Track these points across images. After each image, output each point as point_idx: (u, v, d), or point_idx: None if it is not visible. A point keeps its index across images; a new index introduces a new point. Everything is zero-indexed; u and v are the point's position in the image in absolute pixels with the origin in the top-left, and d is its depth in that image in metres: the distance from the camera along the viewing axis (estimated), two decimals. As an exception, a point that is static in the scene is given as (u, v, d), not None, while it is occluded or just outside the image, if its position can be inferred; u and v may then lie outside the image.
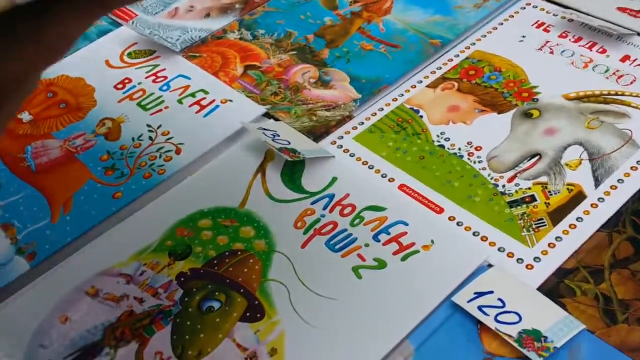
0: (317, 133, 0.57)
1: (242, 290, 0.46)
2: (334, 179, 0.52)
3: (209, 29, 0.68)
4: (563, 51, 0.61)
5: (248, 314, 0.45)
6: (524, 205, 0.50)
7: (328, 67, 0.62)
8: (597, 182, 0.50)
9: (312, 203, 0.51)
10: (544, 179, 0.51)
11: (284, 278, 0.46)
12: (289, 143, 0.54)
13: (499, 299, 0.43)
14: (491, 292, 0.43)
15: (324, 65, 0.63)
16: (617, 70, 0.58)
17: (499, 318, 0.42)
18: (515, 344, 0.41)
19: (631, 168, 0.51)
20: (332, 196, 0.51)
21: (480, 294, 0.43)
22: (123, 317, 0.45)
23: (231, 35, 0.67)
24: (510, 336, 0.41)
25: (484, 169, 0.53)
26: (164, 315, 0.45)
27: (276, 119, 0.58)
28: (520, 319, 0.42)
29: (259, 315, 0.44)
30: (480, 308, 0.43)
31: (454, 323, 0.43)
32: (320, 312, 0.44)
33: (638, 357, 0.40)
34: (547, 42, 0.62)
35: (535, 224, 0.48)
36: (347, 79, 0.61)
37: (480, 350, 0.41)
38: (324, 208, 0.51)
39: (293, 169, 0.53)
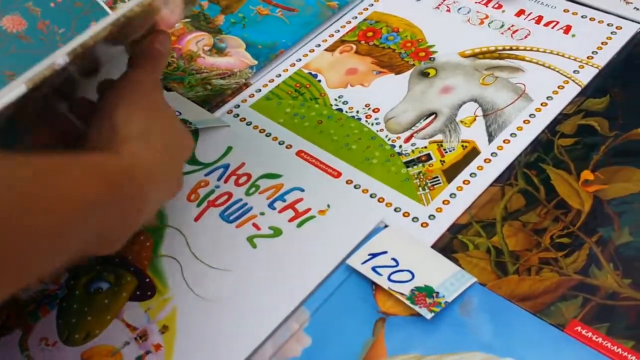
0: (212, 102, 0.55)
1: (132, 269, 0.44)
2: (229, 149, 0.51)
3: (98, -1, 0.65)
4: (460, 9, 0.61)
5: (138, 293, 0.43)
6: (420, 165, 0.49)
7: (223, 34, 0.60)
8: (491, 138, 0.50)
9: (206, 174, 0.49)
10: (439, 137, 0.51)
11: (176, 253, 0.45)
12: (180, 114, 0.52)
13: (393, 259, 0.43)
14: (385, 252, 0.43)
15: (219, 32, 0.61)
16: (512, 25, 0.59)
17: (392, 277, 0.42)
18: (408, 302, 0.40)
19: (524, 122, 0.51)
20: (227, 166, 0.50)
21: (374, 255, 0.43)
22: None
23: (121, 5, 0.64)
24: (402, 294, 0.41)
25: (381, 130, 0.52)
26: (50, 299, 0.43)
27: (169, 90, 0.56)
28: (413, 276, 0.42)
29: (149, 293, 0.43)
30: (374, 269, 0.42)
31: (349, 286, 0.43)
32: (214, 285, 0.43)
33: (527, 305, 0.40)
34: (444, 0, 0.62)
35: (431, 182, 0.48)
36: (242, 46, 0.59)
37: (375, 310, 0.41)
38: (219, 179, 0.49)
39: (187, 141, 0.52)
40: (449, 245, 0.44)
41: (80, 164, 0.34)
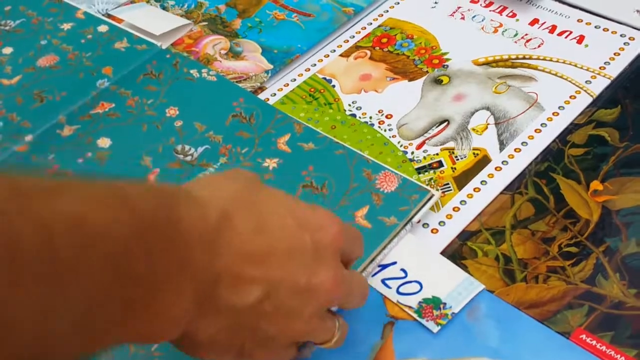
0: (228, 106, 0.56)
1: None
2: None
3: (117, 1, 0.66)
4: (474, 16, 0.62)
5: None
6: (432, 171, 0.50)
7: (240, 38, 0.61)
8: (502, 146, 0.51)
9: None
10: (451, 144, 0.52)
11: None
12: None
13: (402, 269, 0.44)
14: (394, 263, 0.44)
15: (236, 36, 0.62)
16: (526, 34, 0.59)
17: (401, 289, 0.43)
18: (415, 315, 0.41)
19: (535, 131, 0.52)
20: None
21: (384, 267, 0.44)
22: None
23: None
24: (410, 307, 0.42)
25: (394, 136, 0.53)
26: None
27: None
28: (421, 288, 0.43)
29: None
30: (383, 281, 0.43)
31: (359, 290, 0.43)
32: None
33: (533, 313, 0.41)
34: (459, 7, 0.63)
35: (442, 189, 0.49)
36: (259, 50, 0.60)
37: (384, 314, 0.42)
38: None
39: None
40: (458, 252, 0.45)
41: None
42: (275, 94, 0.57)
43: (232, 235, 0.32)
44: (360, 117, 0.55)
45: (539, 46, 0.58)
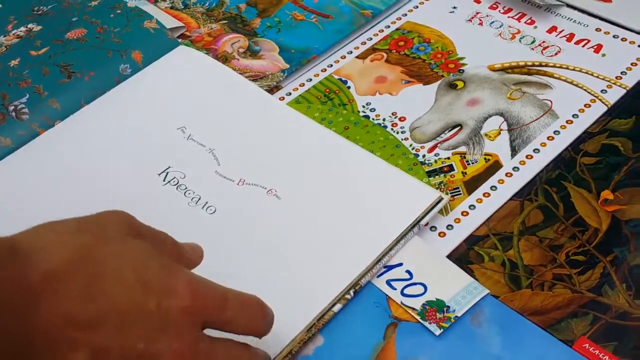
0: (243, 103, 0.57)
1: None
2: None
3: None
4: (492, 22, 0.62)
5: None
6: (442, 175, 0.50)
7: (258, 37, 0.62)
8: (514, 152, 0.51)
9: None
10: (463, 149, 0.52)
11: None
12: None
13: (407, 271, 0.44)
14: (400, 264, 0.44)
15: (255, 35, 0.62)
16: (543, 42, 0.59)
17: (406, 291, 0.43)
18: (418, 317, 0.42)
19: (548, 138, 0.51)
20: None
21: (389, 268, 0.44)
22: None
23: (162, 5, 0.66)
24: (414, 309, 0.42)
25: (406, 139, 0.53)
26: None
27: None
28: (426, 290, 0.43)
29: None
30: (388, 282, 0.44)
31: (364, 290, 0.44)
32: None
33: (537, 320, 0.41)
34: (478, 13, 0.63)
35: (451, 193, 0.49)
36: (276, 49, 0.61)
37: (387, 314, 0.42)
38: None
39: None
40: (465, 256, 0.45)
41: None
42: (290, 94, 0.58)
43: (55, 299, 0.30)
44: (373, 119, 0.55)
45: (556, 54, 0.58)
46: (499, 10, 0.63)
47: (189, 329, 0.32)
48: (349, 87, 0.58)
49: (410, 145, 0.53)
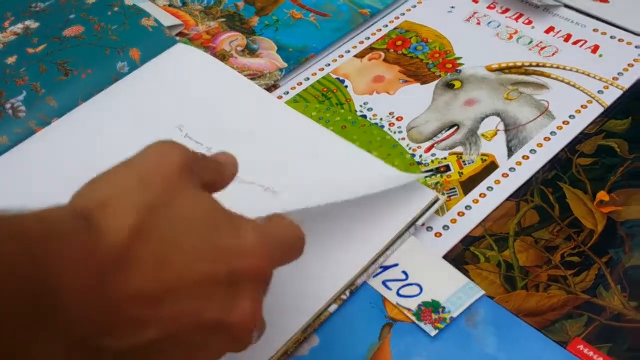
0: (241, 102, 0.57)
1: None
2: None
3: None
4: (490, 22, 0.62)
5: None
6: (438, 175, 0.50)
7: (256, 35, 0.62)
8: (510, 153, 0.51)
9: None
10: (459, 149, 0.52)
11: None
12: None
13: (403, 272, 0.44)
14: (396, 264, 0.44)
15: (253, 33, 0.62)
16: (541, 42, 0.59)
17: (401, 292, 0.43)
18: (414, 318, 0.42)
19: (544, 139, 0.52)
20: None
21: (385, 268, 0.44)
22: None
23: (160, 2, 0.66)
24: (409, 310, 0.42)
25: (403, 139, 0.53)
26: None
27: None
28: (421, 290, 0.43)
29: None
30: (384, 283, 0.44)
31: (360, 290, 0.44)
32: None
33: (532, 321, 0.41)
34: (475, 12, 0.63)
35: (447, 193, 0.49)
36: (274, 48, 0.61)
37: (383, 315, 0.42)
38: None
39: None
40: (461, 257, 0.45)
41: None
42: (288, 92, 0.58)
43: (127, 278, 0.29)
44: (370, 118, 0.55)
45: (553, 54, 0.58)
46: (497, 10, 0.63)
47: (259, 291, 0.32)
48: (346, 86, 0.58)
49: (407, 145, 0.53)
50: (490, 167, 0.50)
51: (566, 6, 0.62)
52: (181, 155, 0.33)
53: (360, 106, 0.56)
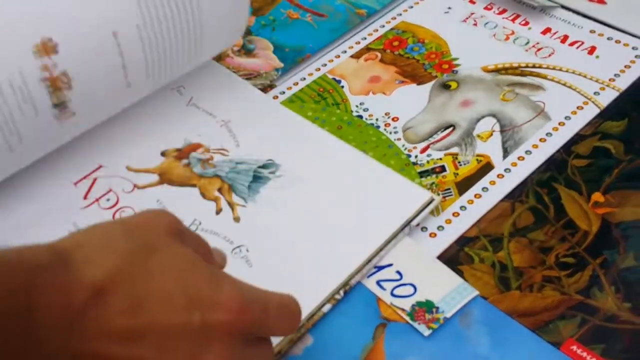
0: (237, 102, 0.57)
1: None
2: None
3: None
4: (487, 23, 0.62)
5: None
6: (434, 176, 0.50)
7: (253, 35, 0.62)
8: (506, 154, 0.51)
9: (226, 172, 0.51)
10: (455, 150, 0.52)
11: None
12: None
13: (397, 272, 0.44)
14: (390, 264, 0.44)
15: (249, 33, 0.62)
16: (537, 43, 0.59)
17: (395, 292, 0.43)
18: (407, 318, 0.42)
19: (540, 140, 0.52)
20: (246, 165, 0.52)
21: (379, 268, 0.44)
22: None
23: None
24: (403, 310, 0.42)
25: (399, 139, 0.53)
26: None
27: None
28: (415, 291, 0.43)
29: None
30: (378, 283, 0.44)
31: (354, 290, 0.44)
32: None
33: (526, 322, 0.41)
34: (472, 13, 0.63)
35: (443, 194, 0.49)
36: (270, 48, 0.61)
37: (377, 315, 0.42)
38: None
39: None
40: (455, 257, 0.45)
41: None
42: (284, 92, 0.58)
43: (101, 314, 0.29)
44: (366, 119, 0.55)
45: (549, 55, 0.58)
46: (494, 11, 0.63)
47: (233, 344, 0.32)
48: (342, 87, 0.58)
49: (403, 146, 0.53)
50: (486, 167, 0.50)
51: (563, 7, 0.62)
52: (171, 218, 0.34)
53: (356, 106, 0.56)
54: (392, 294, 0.43)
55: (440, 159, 0.51)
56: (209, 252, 0.37)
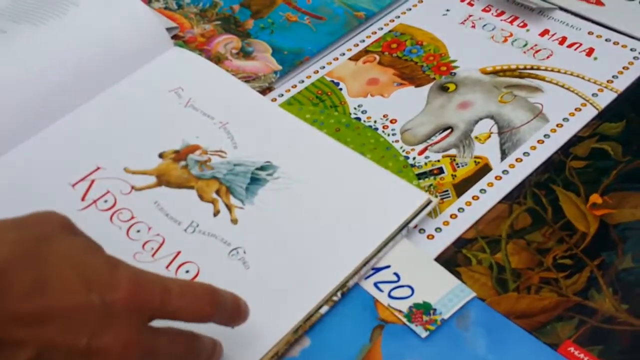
0: (235, 104, 0.57)
1: None
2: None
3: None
4: (485, 25, 0.62)
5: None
6: (432, 177, 0.50)
7: (251, 38, 0.62)
8: (504, 155, 0.51)
9: (224, 174, 0.52)
10: (453, 151, 0.52)
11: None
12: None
13: (395, 274, 0.44)
14: (388, 266, 0.44)
15: (248, 36, 0.62)
16: (535, 45, 0.59)
17: (393, 294, 0.43)
18: (405, 319, 0.42)
19: (538, 142, 0.52)
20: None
21: (377, 270, 0.44)
22: None
23: (156, 5, 0.66)
24: (400, 312, 0.42)
25: (397, 141, 0.53)
26: None
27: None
28: (413, 292, 0.43)
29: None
30: (376, 285, 0.44)
31: (351, 292, 0.44)
32: None
33: (523, 323, 0.41)
34: (470, 15, 0.63)
35: (440, 196, 0.49)
36: (269, 50, 0.61)
37: (374, 317, 0.42)
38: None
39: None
40: (453, 259, 0.45)
41: None
42: (282, 95, 0.58)
43: (2, 296, 0.30)
44: (364, 121, 0.55)
45: (547, 57, 0.58)
46: (492, 13, 0.63)
47: (134, 323, 0.33)
48: (340, 89, 0.58)
49: (401, 148, 0.53)
50: (484, 169, 0.50)
51: (561, 9, 0.62)
52: (63, 216, 0.35)
53: (355, 109, 0.56)
54: (390, 296, 0.43)
55: (438, 160, 0.51)
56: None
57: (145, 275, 0.35)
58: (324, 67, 0.60)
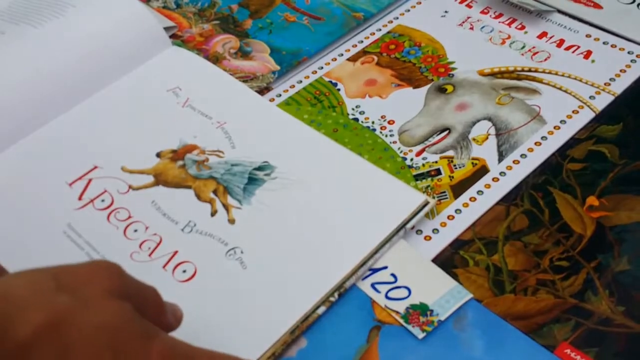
0: (233, 104, 0.57)
1: None
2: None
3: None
4: (483, 27, 0.62)
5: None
6: (429, 179, 0.50)
7: (250, 38, 0.62)
8: (501, 157, 0.51)
9: (222, 174, 0.51)
10: (450, 153, 0.52)
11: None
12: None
13: (392, 274, 0.44)
14: (385, 267, 0.44)
15: (246, 36, 0.62)
16: (533, 47, 0.59)
17: (390, 294, 0.43)
18: (402, 320, 0.42)
19: (535, 143, 0.52)
20: (242, 167, 0.52)
21: (374, 271, 0.44)
22: None
23: (154, 4, 0.66)
24: (397, 313, 0.42)
25: (394, 142, 0.53)
26: None
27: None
28: (410, 293, 0.43)
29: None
30: (373, 285, 0.44)
31: (348, 293, 0.44)
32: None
33: (520, 325, 0.41)
34: (469, 17, 0.63)
35: (438, 197, 0.49)
36: (267, 51, 0.61)
37: (371, 318, 0.42)
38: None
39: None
40: (450, 260, 0.45)
41: None
42: (280, 95, 0.58)
43: None
44: (362, 122, 0.55)
45: (545, 59, 0.58)
46: (490, 15, 0.63)
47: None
48: (338, 90, 0.58)
49: (399, 149, 0.53)
50: (481, 171, 0.50)
51: (559, 12, 0.62)
52: (112, 271, 0.33)
53: (352, 109, 0.56)
54: (387, 297, 0.43)
55: (436, 162, 0.51)
56: (160, 304, 0.36)
57: (178, 349, 0.33)
58: (322, 68, 0.60)
